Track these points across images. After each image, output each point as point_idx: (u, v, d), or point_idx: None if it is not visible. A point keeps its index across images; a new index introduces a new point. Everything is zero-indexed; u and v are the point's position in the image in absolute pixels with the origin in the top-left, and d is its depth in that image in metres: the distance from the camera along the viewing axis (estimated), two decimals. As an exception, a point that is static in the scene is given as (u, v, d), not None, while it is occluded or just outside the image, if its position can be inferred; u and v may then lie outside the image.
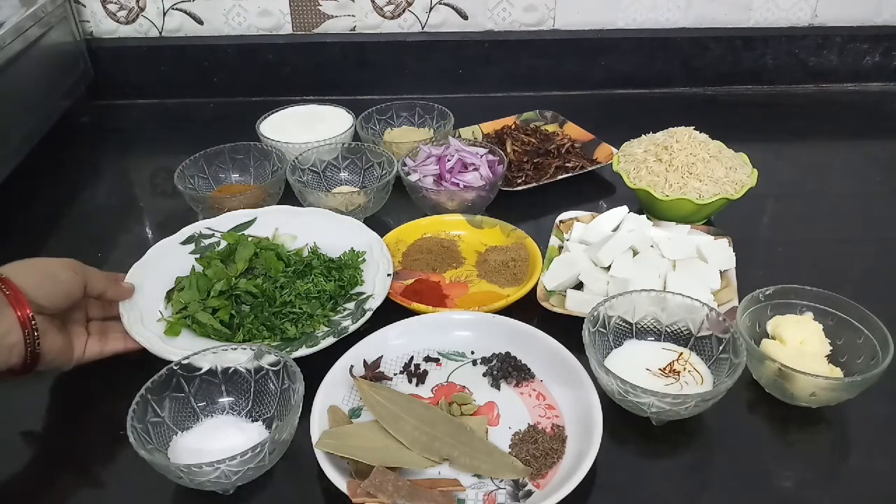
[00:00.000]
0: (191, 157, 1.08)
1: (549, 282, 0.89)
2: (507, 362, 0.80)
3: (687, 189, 0.98)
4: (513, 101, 1.43)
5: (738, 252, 0.93)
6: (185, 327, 0.82)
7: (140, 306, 0.83)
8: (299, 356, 0.77)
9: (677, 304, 0.80)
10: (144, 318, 0.81)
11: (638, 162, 1.03)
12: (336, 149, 1.11)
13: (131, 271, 0.87)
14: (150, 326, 0.81)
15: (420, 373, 0.80)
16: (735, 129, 1.33)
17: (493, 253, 0.97)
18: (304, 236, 0.96)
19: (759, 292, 0.81)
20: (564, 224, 1.00)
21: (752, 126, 1.35)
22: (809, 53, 1.43)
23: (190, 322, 0.82)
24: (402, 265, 0.97)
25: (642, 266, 0.88)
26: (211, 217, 0.98)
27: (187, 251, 0.92)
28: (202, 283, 0.84)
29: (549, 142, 1.18)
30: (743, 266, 0.91)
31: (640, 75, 1.45)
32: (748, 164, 1.04)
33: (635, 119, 1.37)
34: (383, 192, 1.03)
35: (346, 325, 0.82)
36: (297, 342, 0.80)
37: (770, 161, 1.06)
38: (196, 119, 1.40)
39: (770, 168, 1.06)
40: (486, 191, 1.02)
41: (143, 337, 0.79)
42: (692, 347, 0.79)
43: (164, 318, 0.83)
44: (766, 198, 1.08)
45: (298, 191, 1.02)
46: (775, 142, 1.29)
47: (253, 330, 0.81)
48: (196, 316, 0.81)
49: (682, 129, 1.06)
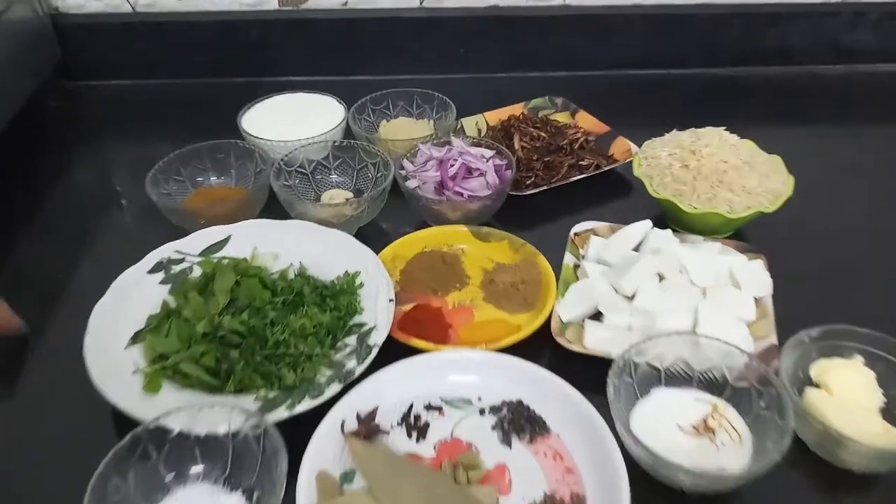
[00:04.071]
0: (165, 159, 0.96)
1: (564, 312, 0.80)
2: (519, 413, 0.71)
3: (717, 201, 0.88)
4: (519, 82, 1.31)
5: (770, 271, 0.84)
6: (167, 379, 0.72)
7: (109, 356, 0.73)
8: (303, 410, 0.68)
9: (712, 349, 0.71)
10: (116, 372, 0.72)
11: (662, 167, 0.93)
12: (326, 147, 1.00)
13: (94, 313, 0.76)
14: (125, 381, 0.71)
15: (421, 425, 0.71)
16: (758, 115, 1.24)
17: (500, 273, 0.87)
18: (287, 254, 0.86)
19: (804, 334, 0.72)
20: (580, 237, 0.90)
21: (778, 113, 1.25)
22: (841, 31, 1.31)
23: (171, 373, 0.72)
24: (400, 285, 0.87)
25: (670, 296, 0.79)
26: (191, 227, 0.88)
27: (156, 281, 0.82)
28: (182, 329, 0.75)
29: (560, 136, 1.07)
30: (775, 288, 0.82)
31: (656, 55, 1.33)
32: (783, 170, 0.94)
33: (651, 104, 1.27)
34: (379, 201, 0.92)
35: (350, 368, 0.72)
36: (298, 391, 0.71)
37: (803, 157, 0.95)
38: (174, 103, 1.27)
39: (803, 165, 0.95)
40: (492, 200, 0.92)
41: (119, 397, 0.69)
42: (729, 398, 0.70)
43: (140, 371, 0.73)
44: (801, 203, 0.93)
45: (285, 200, 0.91)
46: (806, 131, 1.18)
47: (245, 379, 0.72)
48: (181, 367, 0.72)
49: (710, 129, 0.95)
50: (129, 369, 0.73)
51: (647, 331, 0.77)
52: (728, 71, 1.34)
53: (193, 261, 0.85)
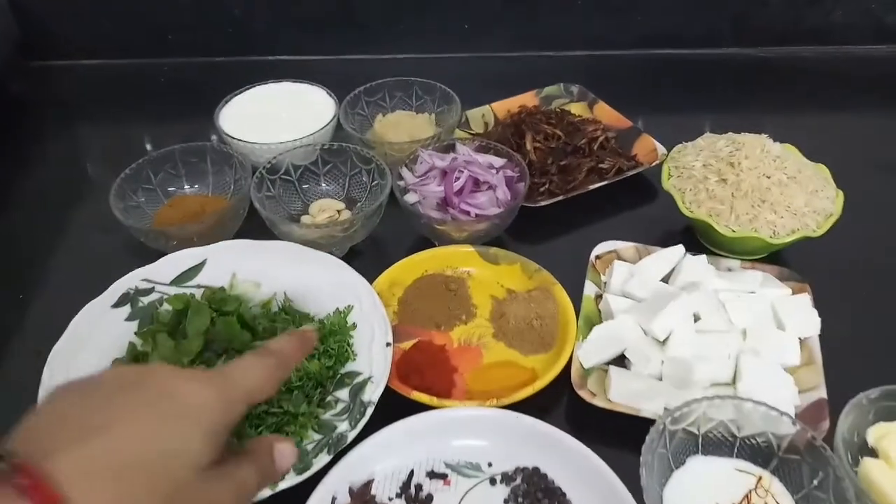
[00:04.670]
0: (131, 166, 0.85)
1: (586, 358, 0.70)
2: (536, 483, 0.62)
3: (758, 223, 0.78)
4: (530, 63, 1.20)
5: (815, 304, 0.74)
6: None
7: None
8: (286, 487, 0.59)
9: (757, 414, 0.61)
10: None
11: (696, 181, 0.82)
12: (314, 151, 0.89)
13: (51, 359, 0.67)
14: None
15: (423, 497, 0.62)
16: (795, 102, 1.12)
17: (512, 304, 0.77)
18: (271, 282, 0.76)
19: (862, 396, 0.63)
20: (601, 261, 0.80)
21: (816, 100, 1.13)
22: (888, 9, 1.18)
23: None
24: (399, 317, 0.77)
25: (707, 341, 0.69)
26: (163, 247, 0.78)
27: (121, 317, 0.72)
28: None
29: (577, 134, 0.95)
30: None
31: (682, 34, 1.20)
32: (831, 183, 0.83)
33: (677, 91, 1.15)
34: (374, 218, 0.82)
35: (342, 431, 0.63)
36: None
37: (850, 163, 0.85)
38: (148, 87, 1.16)
39: (851, 173, 0.84)
40: (502, 219, 0.82)
41: None
42: (775, 470, 0.61)
43: None
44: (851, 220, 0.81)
45: (267, 218, 0.80)
46: (850, 125, 1.06)
47: None
48: None
49: (750, 137, 0.84)
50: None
51: (680, 382, 0.68)
52: (760, 52, 1.21)
53: (164, 291, 0.75)
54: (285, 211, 0.87)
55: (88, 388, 0.37)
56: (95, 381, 0.38)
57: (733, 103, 1.12)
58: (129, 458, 0.34)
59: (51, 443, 0.34)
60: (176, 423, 0.36)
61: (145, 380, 0.38)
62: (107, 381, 0.38)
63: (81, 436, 0.34)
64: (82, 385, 0.38)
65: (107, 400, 0.36)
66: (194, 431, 0.37)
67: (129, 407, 0.36)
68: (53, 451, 0.33)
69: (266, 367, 0.43)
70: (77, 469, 0.33)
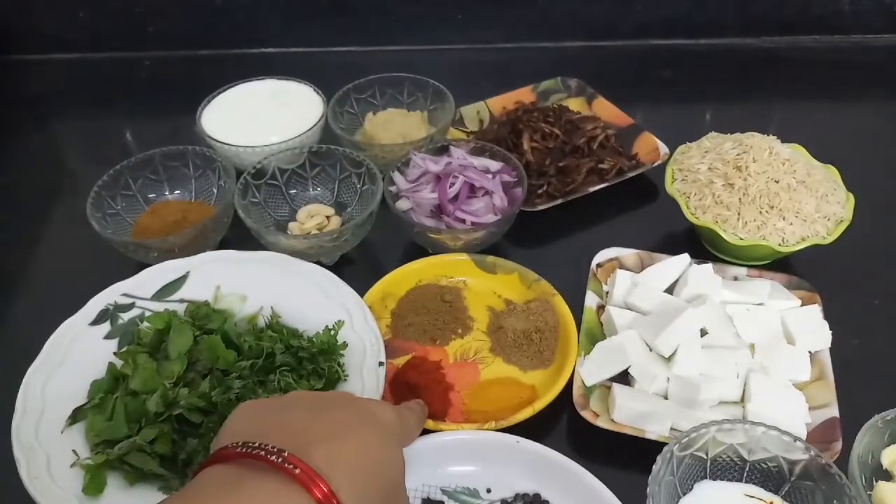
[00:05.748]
0: (109, 172, 0.81)
1: (589, 375, 0.67)
2: (537, 511, 0.60)
3: (767, 230, 0.75)
4: (525, 54, 1.16)
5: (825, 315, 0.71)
6: (112, 470, 0.60)
7: (44, 443, 0.60)
8: None
9: (768, 439, 0.58)
10: (53, 464, 0.59)
11: (701, 185, 0.78)
12: (301, 154, 0.85)
13: (25, 383, 0.63)
14: (62, 479, 0.58)
15: (419, 528, 0.59)
16: (802, 94, 1.08)
17: (510, 317, 0.74)
18: (257, 295, 0.72)
19: (878, 418, 0.60)
20: (602, 269, 0.77)
21: (824, 92, 1.09)
22: (896, -4, 1.15)
23: (118, 464, 0.60)
24: (392, 331, 0.74)
25: (714, 359, 0.66)
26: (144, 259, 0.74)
27: (100, 335, 0.69)
28: (130, 406, 0.61)
29: (576, 132, 0.92)
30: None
31: (684, 23, 1.16)
32: (841, 186, 0.80)
33: (678, 82, 1.11)
34: (365, 226, 0.78)
35: None
36: None
37: (860, 160, 0.81)
38: (126, 82, 1.11)
39: (862, 171, 0.81)
40: (499, 226, 0.78)
41: (54, 498, 0.56)
42: (787, 495, 0.59)
43: (80, 463, 0.60)
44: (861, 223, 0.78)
45: (252, 228, 0.77)
46: (860, 119, 1.03)
47: None
48: (129, 459, 0.59)
49: (757, 138, 0.80)
50: (68, 460, 0.60)
51: (687, 402, 0.65)
52: (764, 42, 1.17)
53: (145, 307, 0.71)
54: (272, 217, 0.83)
55: (304, 403, 0.45)
56: (312, 398, 0.48)
57: (737, 96, 1.09)
58: (370, 458, 0.42)
59: (305, 440, 0.40)
60: (389, 439, 0.45)
61: (354, 401, 0.47)
62: (324, 399, 0.48)
63: (329, 438, 0.41)
64: (291, 401, 0.46)
65: (330, 413, 0.44)
66: (399, 449, 0.46)
67: (355, 421, 0.44)
68: (307, 446, 0.40)
69: (419, 417, 0.55)
70: (332, 463, 0.40)
